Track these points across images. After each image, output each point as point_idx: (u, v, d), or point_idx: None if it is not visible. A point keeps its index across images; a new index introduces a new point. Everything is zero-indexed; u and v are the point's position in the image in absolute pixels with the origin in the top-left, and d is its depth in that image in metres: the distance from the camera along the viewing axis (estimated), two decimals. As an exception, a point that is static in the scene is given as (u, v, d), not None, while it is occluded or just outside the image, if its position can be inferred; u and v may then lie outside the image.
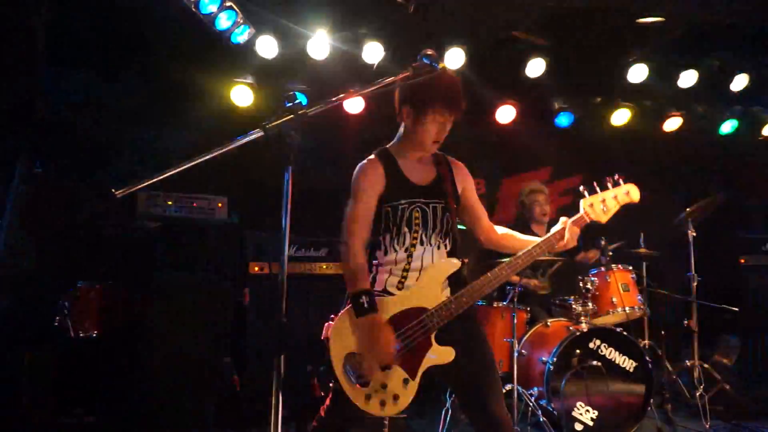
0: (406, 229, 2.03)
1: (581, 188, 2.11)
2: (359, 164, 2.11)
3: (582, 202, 2.09)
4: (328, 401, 2.08)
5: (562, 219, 2.12)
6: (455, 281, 2.05)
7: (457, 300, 1.97)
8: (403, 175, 2.07)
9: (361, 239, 2.02)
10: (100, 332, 3.58)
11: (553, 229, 2.12)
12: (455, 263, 2.03)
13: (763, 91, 5.05)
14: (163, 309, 3.63)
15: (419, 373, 1.95)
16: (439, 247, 2.06)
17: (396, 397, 1.93)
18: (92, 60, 4.19)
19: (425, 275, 2.02)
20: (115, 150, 4.43)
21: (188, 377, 3.59)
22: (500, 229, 2.26)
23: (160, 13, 3.80)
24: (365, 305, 1.89)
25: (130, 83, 4.47)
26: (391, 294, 2.01)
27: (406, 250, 2.02)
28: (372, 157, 2.12)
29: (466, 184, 2.19)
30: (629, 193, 2.08)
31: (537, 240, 2.11)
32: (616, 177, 2.08)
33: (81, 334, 3.55)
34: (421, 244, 2.03)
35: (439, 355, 1.97)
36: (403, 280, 2.01)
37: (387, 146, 2.16)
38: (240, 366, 3.67)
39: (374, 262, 2.09)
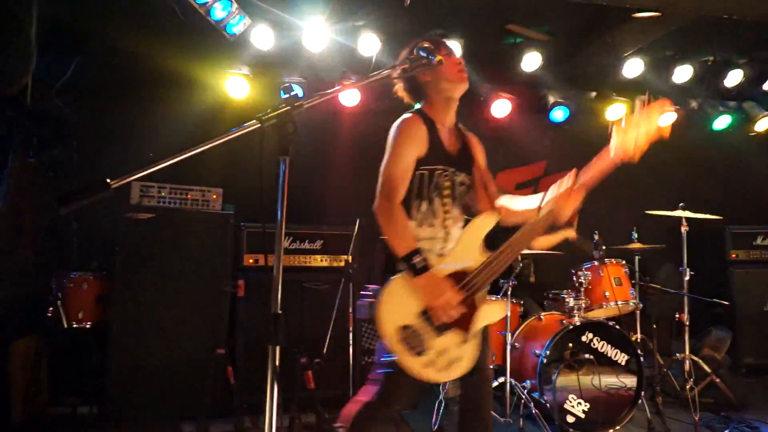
0: (437, 200, 2.00)
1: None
2: (400, 119, 2.03)
3: (614, 129, 1.81)
4: (375, 388, 1.98)
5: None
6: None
7: (499, 256, 1.94)
8: (440, 139, 2.05)
9: (401, 197, 1.94)
10: (94, 322, 3.59)
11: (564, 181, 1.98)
12: (493, 217, 2.00)
13: (756, 86, 5.08)
14: (156, 300, 3.63)
15: (476, 333, 1.93)
16: (460, 223, 2.06)
17: (458, 358, 1.90)
18: (85, 48, 4.15)
19: (465, 236, 1.99)
20: (108, 140, 4.41)
21: (182, 368, 3.60)
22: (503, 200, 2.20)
23: (154, 3, 3.77)
24: (422, 263, 1.83)
25: (123, 73, 4.44)
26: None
27: (444, 227, 2.00)
28: (412, 115, 2.05)
29: (479, 154, 2.21)
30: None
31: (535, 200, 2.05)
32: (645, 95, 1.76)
33: (74, 324, 3.55)
34: (453, 219, 2.02)
35: (490, 312, 1.97)
36: (442, 254, 1.97)
37: (421, 108, 2.10)
38: (234, 357, 3.68)
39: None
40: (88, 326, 3.57)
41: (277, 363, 1.24)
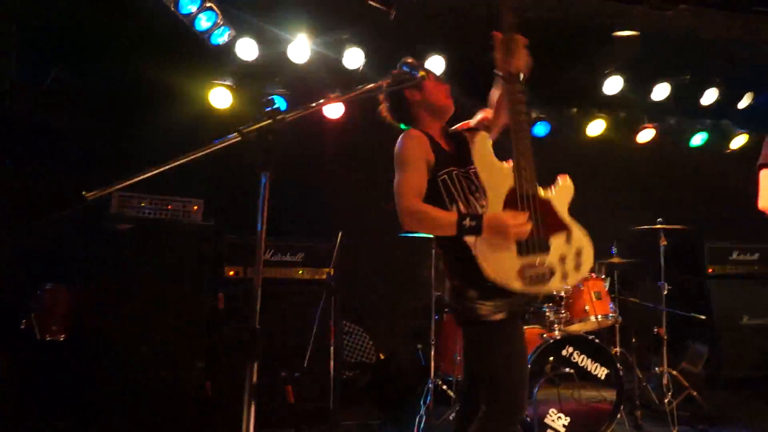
0: (471, 198, 2.02)
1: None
2: (403, 136, 2.05)
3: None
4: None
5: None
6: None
7: (518, 144, 1.96)
8: (440, 146, 2.09)
9: (421, 200, 1.96)
10: (68, 335, 3.50)
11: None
12: (484, 133, 2.03)
13: (731, 105, 5.21)
14: (134, 312, 3.56)
15: (567, 219, 1.92)
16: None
17: (578, 253, 1.90)
18: (65, 56, 4.10)
19: (477, 158, 1.97)
20: (89, 148, 4.35)
21: (160, 382, 3.53)
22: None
23: (139, 12, 3.75)
24: (473, 220, 1.84)
25: (106, 81, 4.39)
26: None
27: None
28: (410, 129, 2.10)
29: (467, 130, 2.24)
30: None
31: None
32: None
33: (48, 338, 3.46)
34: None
35: (562, 195, 1.98)
36: None
37: (412, 127, 2.15)
38: (213, 371, 3.62)
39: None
40: (62, 339, 3.48)
41: (254, 379, 1.22)
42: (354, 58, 4.12)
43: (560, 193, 1.98)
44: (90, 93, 4.38)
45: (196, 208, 3.87)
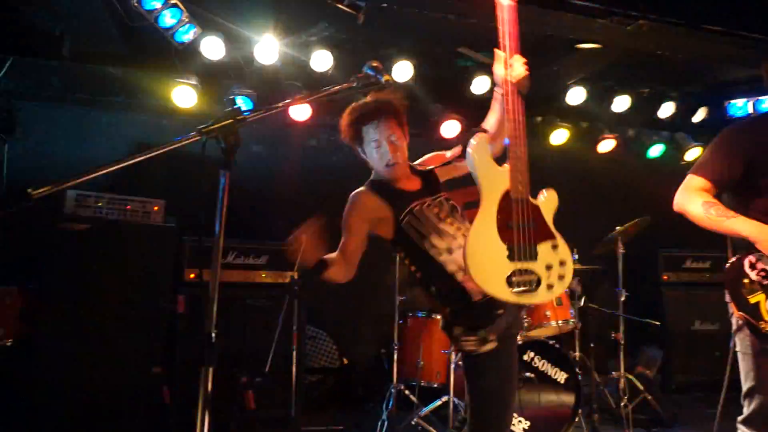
0: (441, 225, 2.01)
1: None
2: (350, 198, 2.11)
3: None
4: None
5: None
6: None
7: (515, 148, 1.94)
8: (398, 190, 2.08)
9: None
10: (17, 339, 3.35)
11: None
12: (483, 137, 1.96)
13: (686, 119, 5.41)
14: (90, 315, 3.44)
15: (552, 228, 1.91)
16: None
17: (562, 263, 1.87)
18: (24, 48, 3.94)
19: (480, 171, 1.93)
20: (47, 145, 4.19)
21: (116, 388, 3.41)
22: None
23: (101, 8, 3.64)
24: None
25: (65, 76, 4.24)
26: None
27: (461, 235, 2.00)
28: (359, 190, 2.12)
29: (441, 169, 2.23)
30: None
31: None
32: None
33: (-5, 342, 3.30)
34: (467, 228, 2.01)
35: (549, 204, 1.96)
36: None
37: (372, 178, 2.17)
38: (171, 377, 3.53)
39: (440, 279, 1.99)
40: (8, 344, 3.33)
41: (209, 386, 1.19)
42: (322, 60, 4.10)
43: (546, 202, 1.98)
44: (47, 88, 4.23)
45: (156, 208, 3.77)
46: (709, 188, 2.16)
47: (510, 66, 1.98)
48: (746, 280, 2.03)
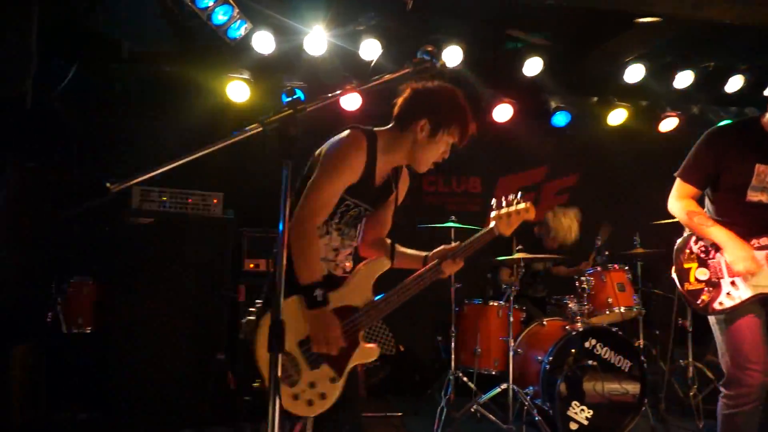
0: (346, 228, 1.99)
1: (492, 203, 2.08)
2: (346, 136, 1.92)
3: (492, 215, 2.06)
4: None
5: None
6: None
7: (387, 300, 1.96)
8: (373, 175, 1.95)
9: (321, 222, 1.89)
10: (93, 328, 3.56)
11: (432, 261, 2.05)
12: (386, 264, 1.99)
13: (757, 92, 5.07)
14: (156, 305, 3.61)
15: (346, 372, 1.91)
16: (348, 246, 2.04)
17: (323, 396, 1.85)
18: (85, 54, 4.15)
19: (358, 275, 1.96)
20: (109, 144, 4.40)
21: (182, 374, 3.57)
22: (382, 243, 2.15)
23: (153, 7, 3.78)
24: (322, 296, 1.80)
25: (124, 78, 4.44)
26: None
27: (334, 251, 1.98)
28: (362, 138, 1.92)
29: (401, 191, 2.13)
30: (528, 211, 2.06)
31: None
32: (518, 194, 2.07)
33: (74, 330, 3.52)
34: (349, 242, 2.02)
35: (365, 353, 1.96)
36: (332, 273, 1.97)
37: (375, 131, 1.97)
38: (234, 363, 3.66)
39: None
40: (87, 331, 3.55)
41: (279, 372, 1.22)
42: (371, 49, 4.09)
43: (365, 353, 1.97)
44: (108, 91, 4.44)
45: (215, 201, 3.90)
46: (693, 193, 2.49)
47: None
48: (688, 251, 2.47)
